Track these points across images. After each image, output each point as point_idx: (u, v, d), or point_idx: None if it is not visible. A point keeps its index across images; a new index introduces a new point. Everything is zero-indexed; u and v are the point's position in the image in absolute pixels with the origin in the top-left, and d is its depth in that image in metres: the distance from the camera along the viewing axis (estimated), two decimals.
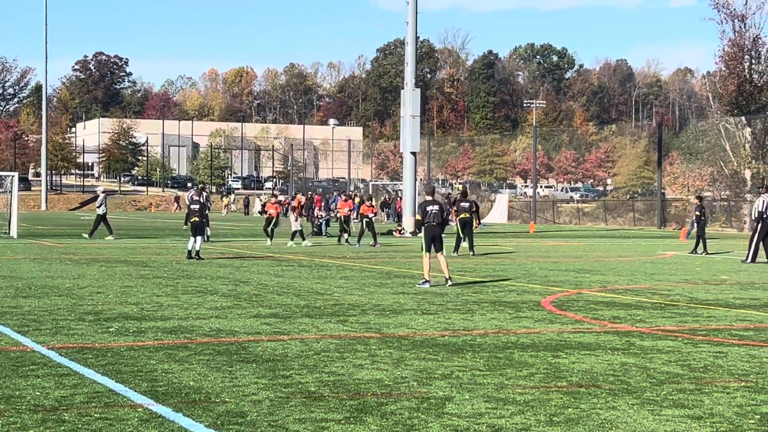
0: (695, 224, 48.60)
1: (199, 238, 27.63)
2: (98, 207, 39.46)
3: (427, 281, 20.46)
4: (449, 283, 20.47)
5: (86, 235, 38.63)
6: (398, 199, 61.02)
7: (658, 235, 52.78)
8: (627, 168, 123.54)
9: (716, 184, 70.20)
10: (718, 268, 27.61)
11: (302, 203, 36.57)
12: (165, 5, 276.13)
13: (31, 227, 48.86)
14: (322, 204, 59.59)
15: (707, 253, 33.71)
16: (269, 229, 37.03)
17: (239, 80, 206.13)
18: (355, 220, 41.60)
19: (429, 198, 21.10)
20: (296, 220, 35.91)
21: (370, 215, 36.83)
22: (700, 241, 34.54)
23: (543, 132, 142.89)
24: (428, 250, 20.43)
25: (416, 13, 48.42)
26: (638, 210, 74.36)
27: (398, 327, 14.19)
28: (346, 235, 37.59)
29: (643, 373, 10.72)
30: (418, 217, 20.98)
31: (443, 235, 20.83)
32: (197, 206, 27.75)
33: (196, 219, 27.54)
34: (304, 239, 35.67)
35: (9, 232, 39.58)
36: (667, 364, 11.32)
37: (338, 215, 39.43)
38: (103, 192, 41.19)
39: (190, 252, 27.58)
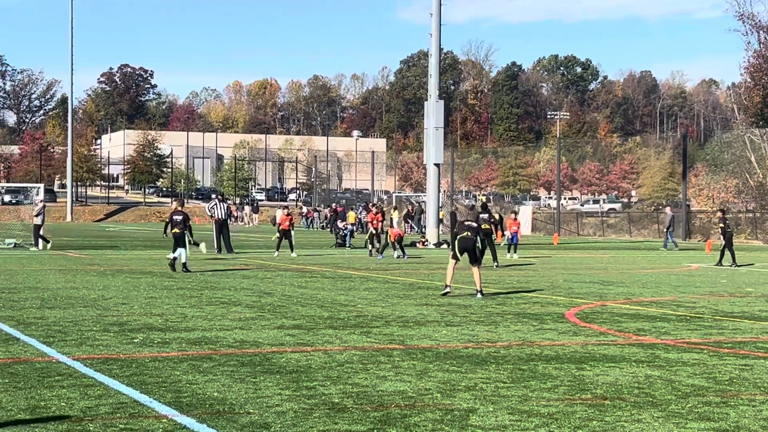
0: (670, 235, 48.74)
1: (181, 249, 27.14)
2: (35, 216, 38.90)
3: (447, 286, 20.61)
4: (479, 295, 20.50)
5: (33, 248, 38.17)
6: (423, 211, 61.03)
7: (683, 247, 52.50)
8: (651, 180, 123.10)
9: (741, 195, 69.88)
10: (744, 280, 27.44)
11: (189, 218, 34.99)
12: (189, 18, 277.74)
13: (57, 238, 49.10)
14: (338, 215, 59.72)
15: (737, 266, 33.38)
16: (287, 240, 36.53)
17: (263, 92, 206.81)
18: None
19: (470, 220, 21.24)
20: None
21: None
22: (725, 253, 34.30)
23: (567, 143, 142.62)
24: (455, 258, 20.51)
25: (440, 24, 48.48)
26: (663, 222, 73.95)
27: (422, 339, 14.18)
28: (376, 246, 37.39)
29: (668, 385, 10.67)
30: (455, 230, 21.23)
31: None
32: (180, 217, 27.44)
33: (177, 231, 27.22)
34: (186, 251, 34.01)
35: (35, 244, 39.76)
36: (693, 376, 11.26)
37: (368, 227, 39.25)
38: (41, 201, 40.42)
39: (173, 263, 26.88)
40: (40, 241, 38.54)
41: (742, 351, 13.42)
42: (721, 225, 34.98)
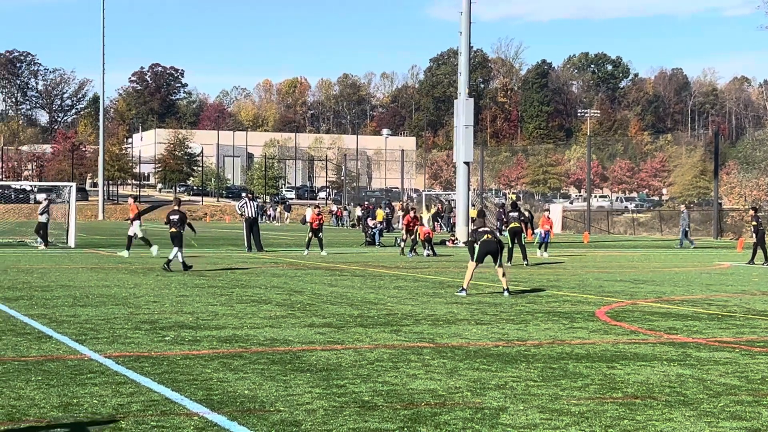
0: (685, 236, 48.49)
1: (176, 249, 27.00)
2: (40, 215, 38.59)
3: (464, 289, 20.57)
4: (506, 293, 20.50)
5: (42, 247, 37.99)
6: (453, 209, 60.98)
7: (714, 245, 52.20)
8: (683, 178, 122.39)
9: None
10: None
11: (140, 211, 33.99)
12: (220, 17, 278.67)
13: (89, 237, 49.43)
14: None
15: None
16: (317, 238, 36.47)
17: (293, 91, 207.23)
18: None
19: (483, 226, 21.45)
20: (140, 227, 33.82)
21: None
22: (757, 251, 34.05)
23: (597, 141, 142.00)
24: (479, 261, 20.54)
25: (470, 23, 48.37)
26: (694, 220, 73.51)
27: (452, 337, 14.17)
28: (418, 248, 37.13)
29: (700, 384, 10.61)
30: (471, 238, 21.32)
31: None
32: (177, 216, 27.48)
33: (174, 230, 27.21)
34: (128, 249, 33.37)
35: (67, 242, 40.05)
36: (724, 375, 11.20)
37: (400, 228, 39.11)
38: (46, 199, 39.67)
39: (184, 263, 26.74)
40: (40, 240, 38.53)
41: None
42: (753, 223, 34.74)
